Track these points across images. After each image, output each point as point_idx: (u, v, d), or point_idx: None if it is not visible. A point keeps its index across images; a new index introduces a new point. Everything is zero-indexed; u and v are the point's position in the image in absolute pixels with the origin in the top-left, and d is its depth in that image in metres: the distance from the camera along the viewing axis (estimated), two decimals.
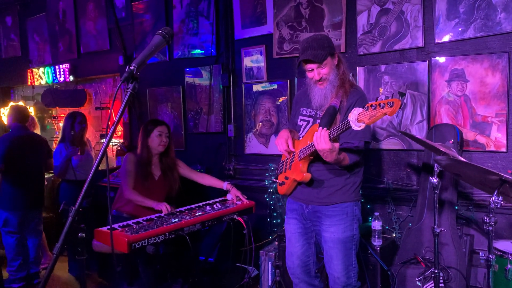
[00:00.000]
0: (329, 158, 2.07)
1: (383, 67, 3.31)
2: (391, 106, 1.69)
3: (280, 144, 2.39)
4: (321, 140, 1.99)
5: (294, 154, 2.38)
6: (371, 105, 1.75)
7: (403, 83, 3.23)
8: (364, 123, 1.78)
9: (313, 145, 2.11)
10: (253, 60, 4.06)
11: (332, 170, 2.32)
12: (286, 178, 2.45)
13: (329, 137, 1.99)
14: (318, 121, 2.33)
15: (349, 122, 1.86)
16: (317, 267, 2.56)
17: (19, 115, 4.10)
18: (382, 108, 1.71)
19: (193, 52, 4.49)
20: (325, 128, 2.02)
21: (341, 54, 2.39)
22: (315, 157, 2.28)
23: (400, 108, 1.73)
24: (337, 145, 2.04)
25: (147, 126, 3.28)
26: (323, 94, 2.31)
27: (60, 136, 4.20)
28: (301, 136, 2.45)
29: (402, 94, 2.02)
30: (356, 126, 1.81)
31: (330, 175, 2.33)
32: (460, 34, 2.99)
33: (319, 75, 2.28)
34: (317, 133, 2.02)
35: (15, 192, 3.89)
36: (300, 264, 2.50)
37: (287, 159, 2.47)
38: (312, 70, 2.29)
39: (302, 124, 2.48)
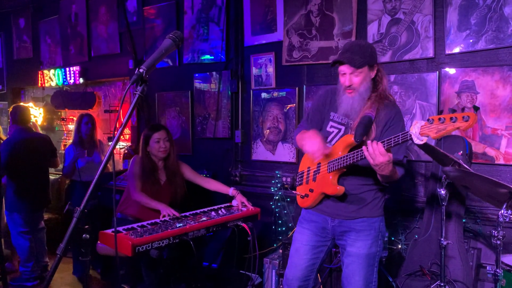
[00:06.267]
0: (386, 170, 1.95)
1: (392, 77, 3.30)
2: (466, 121, 1.58)
3: (316, 144, 2.11)
4: (377, 154, 1.88)
5: (320, 165, 2.25)
6: (439, 118, 1.65)
7: (412, 93, 3.22)
8: (428, 136, 1.70)
9: (346, 157, 2.03)
10: (262, 67, 4.07)
11: (363, 184, 2.23)
12: (311, 190, 2.31)
13: (384, 148, 1.88)
14: (349, 130, 2.21)
15: (409, 135, 1.77)
16: (314, 285, 2.45)
17: (19, 117, 4.00)
18: (454, 122, 1.61)
19: (202, 58, 4.51)
20: (375, 142, 1.90)
21: (382, 67, 2.24)
22: (347, 170, 2.17)
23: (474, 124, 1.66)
24: (391, 154, 1.91)
25: (145, 132, 3.26)
26: (350, 103, 2.18)
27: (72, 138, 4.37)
28: (330, 144, 2.28)
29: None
30: (419, 140, 1.73)
31: (361, 189, 2.23)
32: (471, 45, 2.97)
33: (350, 82, 2.13)
34: (369, 148, 1.90)
35: (22, 195, 3.91)
36: (301, 277, 2.36)
37: (310, 169, 2.34)
38: (345, 74, 2.15)
39: (333, 132, 2.30)
